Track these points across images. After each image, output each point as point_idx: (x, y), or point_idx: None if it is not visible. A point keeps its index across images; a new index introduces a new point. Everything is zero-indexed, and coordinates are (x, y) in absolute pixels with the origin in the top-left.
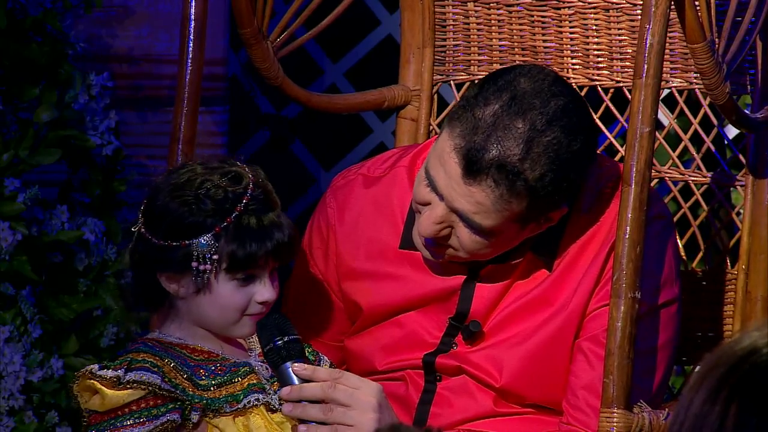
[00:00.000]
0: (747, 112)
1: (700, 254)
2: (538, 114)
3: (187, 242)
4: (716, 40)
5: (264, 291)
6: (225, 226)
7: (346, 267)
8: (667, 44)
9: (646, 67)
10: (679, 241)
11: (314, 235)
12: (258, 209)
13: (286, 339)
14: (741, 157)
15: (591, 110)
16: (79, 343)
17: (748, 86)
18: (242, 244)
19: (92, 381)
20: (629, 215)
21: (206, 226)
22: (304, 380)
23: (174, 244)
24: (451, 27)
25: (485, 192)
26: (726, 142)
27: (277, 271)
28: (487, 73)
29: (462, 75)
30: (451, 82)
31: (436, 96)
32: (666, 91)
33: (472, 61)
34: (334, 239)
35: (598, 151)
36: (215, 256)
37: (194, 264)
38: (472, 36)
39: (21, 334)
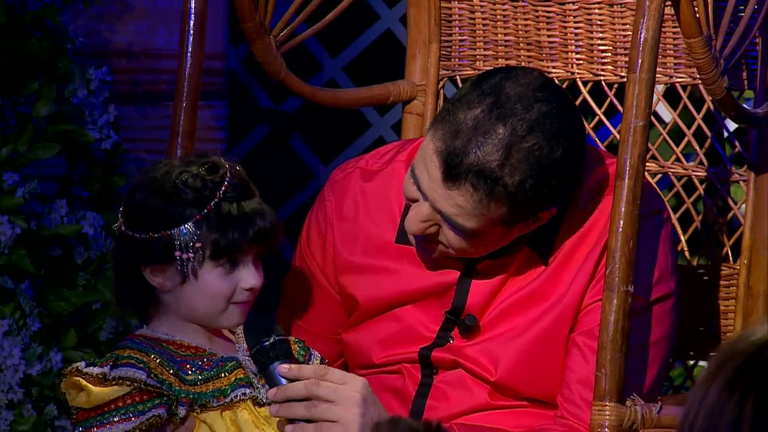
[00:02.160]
0: (747, 107)
1: (702, 249)
2: (519, 119)
3: (168, 232)
4: (713, 35)
5: (249, 277)
6: (206, 214)
7: (343, 260)
8: (671, 39)
9: (640, 61)
10: (682, 236)
11: (312, 229)
12: (238, 196)
13: (272, 340)
14: (744, 152)
15: (581, 116)
16: (78, 337)
17: (745, 81)
18: (224, 231)
19: (78, 378)
20: (622, 209)
21: (187, 214)
22: (291, 380)
23: (156, 235)
24: (457, 22)
25: (464, 196)
26: (727, 135)
27: (261, 259)
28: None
29: (468, 70)
30: (457, 77)
31: (441, 91)
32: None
33: (478, 56)
34: (331, 233)
35: (602, 147)
36: (198, 245)
37: (177, 253)
38: (477, 31)
39: (20, 328)
